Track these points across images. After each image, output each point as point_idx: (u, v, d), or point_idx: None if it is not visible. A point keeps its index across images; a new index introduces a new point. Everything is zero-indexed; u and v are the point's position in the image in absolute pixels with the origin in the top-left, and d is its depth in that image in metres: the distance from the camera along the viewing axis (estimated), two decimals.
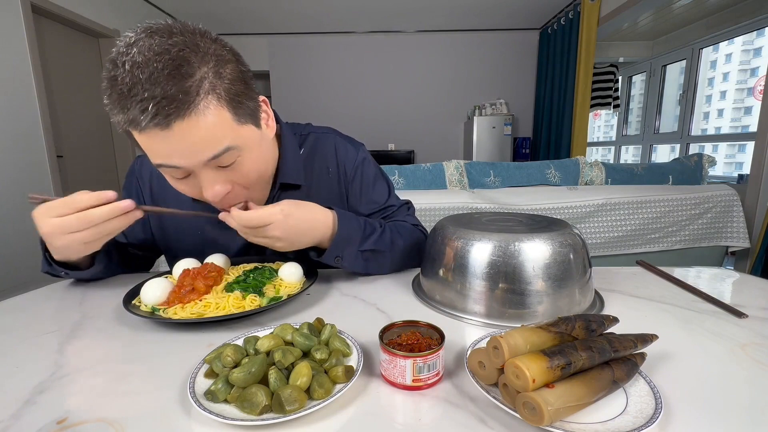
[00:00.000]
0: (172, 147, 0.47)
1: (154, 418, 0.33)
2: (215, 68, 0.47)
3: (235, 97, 0.49)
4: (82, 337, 0.49)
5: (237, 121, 0.51)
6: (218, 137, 0.49)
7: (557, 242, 0.50)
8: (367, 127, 5.14)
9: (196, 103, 0.45)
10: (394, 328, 0.41)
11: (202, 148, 0.48)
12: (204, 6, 4.09)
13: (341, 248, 0.63)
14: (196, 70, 0.45)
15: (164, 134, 0.46)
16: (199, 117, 0.46)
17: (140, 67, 0.43)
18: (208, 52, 0.47)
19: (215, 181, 0.53)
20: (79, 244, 0.53)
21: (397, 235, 0.70)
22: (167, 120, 0.44)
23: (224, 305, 0.52)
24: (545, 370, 0.31)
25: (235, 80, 0.50)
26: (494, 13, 4.45)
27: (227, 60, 0.50)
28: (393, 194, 0.81)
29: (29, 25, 2.54)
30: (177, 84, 0.44)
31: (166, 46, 0.44)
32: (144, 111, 0.43)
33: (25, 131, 2.53)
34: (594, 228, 1.78)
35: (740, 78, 4.56)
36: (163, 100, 0.43)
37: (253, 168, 0.56)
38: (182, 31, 0.46)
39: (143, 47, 0.44)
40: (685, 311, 0.53)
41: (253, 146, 0.55)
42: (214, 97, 0.47)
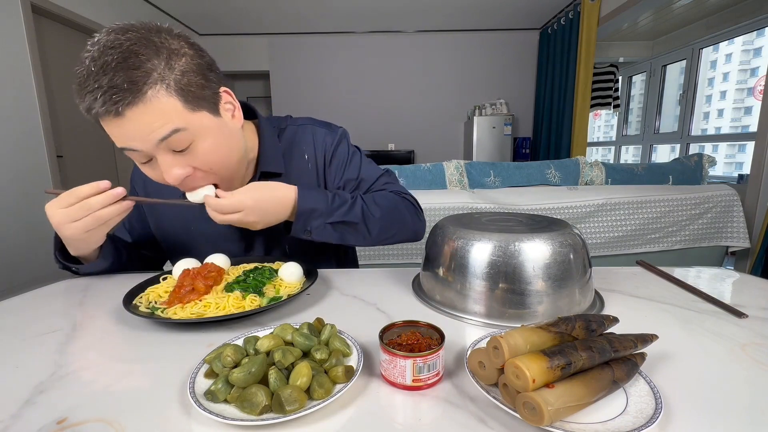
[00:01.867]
0: (126, 131, 0.52)
1: (154, 418, 0.33)
2: (167, 61, 0.52)
3: (186, 87, 0.53)
4: (82, 337, 0.49)
5: (188, 108, 0.54)
6: (165, 120, 0.52)
7: (557, 242, 0.50)
8: (367, 127, 5.15)
9: (144, 91, 0.50)
10: (394, 328, 0.41)
11: (151, 131, 0.52)
12: (204, 6, 4.08)
13: (306, 221, 0.65)
14: (145, 62, 0.49)
15: (118, 121, 0.51)
16: (147, 104, 0.50)
17: (94, 60, 0.48)
18: (162, 46, 0.51)
19: (173, 164, 0.56)
20: (82, 232, 0.57)
21: (372, 204, 0.70)
22: (116, 107, 0.49)
23: (224, 305, 0.52)
24: (545, 370, 0.31)
25: (188, 72, 0.53)
26: (494, 13, 4.45)
27: (182, 54, 0.53)
28: (370, 168, 0.80)
29: (29, 25, 2.54)
30: (124, 74, 0.48)
31: (119, 41, 0.49)
32: (95, 100, 0.48)
33: (25, 131, 2.53)
34: (594, 228, 1.78)
35: (740, 78, 4.56)
36: (110, 90, 0.48)
37: (211, 153, 0.59)
38: (139, 29, 0.51)
39: (100, 42, 0.49)
40: (685, 311, 0.53)
41: (209, 133, 0.58)
42: (162, 87, 0.51)
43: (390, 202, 0.73)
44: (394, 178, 0.82)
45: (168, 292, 0.57)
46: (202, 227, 0.74)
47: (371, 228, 0.70)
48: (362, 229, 0.69)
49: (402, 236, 0.74)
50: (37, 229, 2.60)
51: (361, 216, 0.68)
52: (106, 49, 0.48)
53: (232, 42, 4.98)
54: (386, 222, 0.71)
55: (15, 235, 2.45)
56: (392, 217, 0.72)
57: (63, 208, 0.56)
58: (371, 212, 0.69)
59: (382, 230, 0.71)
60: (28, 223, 2.54)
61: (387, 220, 0.71)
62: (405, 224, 0.74)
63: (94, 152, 3.26)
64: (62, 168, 2.88)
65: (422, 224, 0.78)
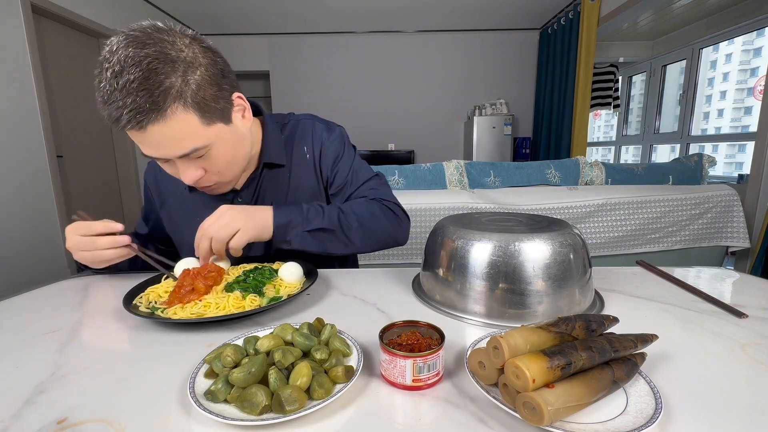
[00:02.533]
0: (149, 143, 0.56)
1: (154, 418, 0.33)
2: (183, 76, 0.54)
3: (201, 101, 0.56)
4: (82, 337, 0.49)
5: (204, 123, 0.57)
6: (186, 140, 0.56)
7: (557, 242, 0.50)
8: (367, 127, 5.15)
9: (164, 109, 0.53)
10: (394, 328, 0.41)
11: (173, 147, 0.57)
12: (204, 6, 4.08)
13: (285, 232, 0.67)
14: (164, 80, 0.52)
15: (141, 134, 0.54)
16: (167, 122, 0.54)
17: (116, 76, 0.50)
18: (178, 60, 0.53)
19: (189, 167, 0.61)
20: (86, 262, 0.66)
21: (350, 212, 0.72)
22: (140, 125, 0.53)
23: (224, 305, 0.52)
24: (545, 370, 0.31)
25: (203, 85, 0.56)
26: (494, 13, 4.45)
27: (197, 65, 0.55)
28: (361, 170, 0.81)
29: (29, 25, 2.54)
30: (146, 95, 0.51)
31: (138, 57, 0.51)
32: (120, 116, 0.52)
33: (25, 131, 2.53)
34: (594, 228, 1.78)
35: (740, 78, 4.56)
36: (135, 110, 0.51)
37: (221, 158, 0.63)
38: (156, 41, 0.52)
39: (120, 56, 0.50)
40: (685, 311, 0.53)
41: (222, 141, 0.62)
42: (180, 104, 0.54)
43: (367, 210, 0.74)
44: (382, 183, 0.83)
45: (168, 292, 0.57)
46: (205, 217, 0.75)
47: (350, 235, 0.71)
48: (341, 236, 0.70)
49: (383, 243, 0.76)
50: (37, 230, 2.60)
51: (338, 223, 0.70)
52: (127, 66, 0.50)
53: (232, 42, 4.98)
54: (365, 229, 0.72)
55: (15, 235, 2.45)
56: (371, 224, 0.73)
57: (77, 235, 0.63)
58: (348, 220, 0.71)
59: (362, 237, 0.72)
60: (28, 224, 2.54)
61: (366, 228, 0.72)
62: (384, 231, 0.75)
63: (94, 152, 3.26)
64: (62, 168, 2.88)
65: (403, 230, 0.79)
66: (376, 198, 0.78)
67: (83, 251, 0.64)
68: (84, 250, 0.63)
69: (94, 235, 0.63)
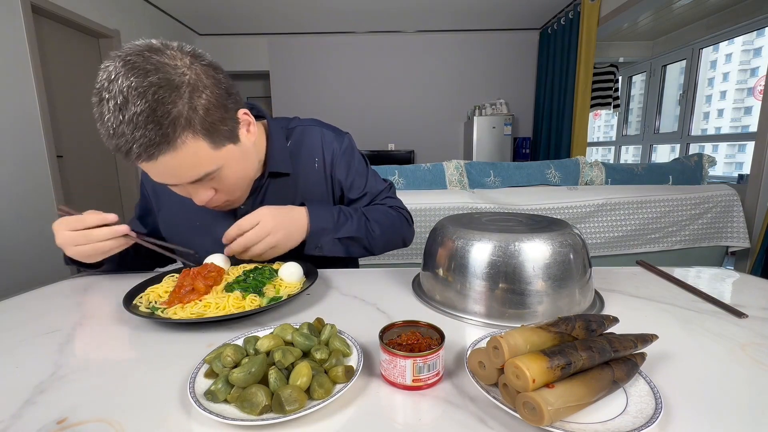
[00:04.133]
0: (160, 173, 0.55)
1: (154, 418, 0.33)
2: (189, 102, 0.52)
3: (210, 126, 0.55)
4: (82, 337, 0.49)
5: (214, 147, 0.57)
6: (197, 166, 0.56)
7: (557, 242, 0.50)
8: (367, 127, 5.15)
9: (174, 139, 0.51)
10: (394, 328, 0.41)
11: (183, 174, 0.56)
12: (204, 6, 4.08)
13: (318, 238, 0.69)
14: (171, 110, 0.50)
15: (151, 164, 0.53)
16: (177, 151, 0.52)
17: (121, 109, 0.48)
18: (182, 85, 0.51)
19: (199, 190, 0.61)
20: (83, 256, 0.62)
21: (374, 221, 0.76)
22: (150, 157, 0.52)
23: (224, 305, 0.52)
24: (545, 370, 0.31)
25: (210, 109, 0.54)
26: (494, 14, 4.45)
27: (202, 87, 0.54)
28: (375, 179, 0.85)
29: (29, 25, 2.54)
30: (155, 127, 0.49)
31: (142, 88, 0.48)
32: (129, 150, 0.50)
33: (25, 131, 2.53)
34: (594, 228, 1.78)
35: (740, 78, 4.56)
36: (143, 144, 0.50)
37: (231, 176, 0.63)
38: (157, 66, 0.50)
39: (122, 86, 0.48)
40: (685, 311, 0.53)
41: (231, 161, 0.61)
42: (189, 132, 0.53)
43: (388, 218, 0.78)
44: (394, 192, 0.88)
45: (168, 292, 0.57)
46: (206, 222, 0.75)
47: (372, 241, 0.75)
48: (365, 242, 0.74)
49: (394, 246, 0.81)
50: (37, 230, 2.60)
51: (365, 231, 0.74)
52: (131, 98, 0.48)
53: (232, 42, 4.98)
54: (385, 236, 0.77)
55: (15, 235, 2.45)
56: (390, 231, 0.78)
57: (68, 231, 0.60)
58: (372, 228, 0.75)
59: (381, 243, 0.77)
60: (28, 224, 2.54)
61: (386, 234, 0.76)
62: (399, 237, 0.81)
63: (94, 152, 3.26)
64: (62, 168, 2.88)
65: (411, 235, 0.85)
66: (393, 206, 0.82)
67: (77, 246, 0.61)
68: (78, 244, 0.60)
69: (87, 228, 0.60)
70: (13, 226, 2.44)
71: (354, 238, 0.72)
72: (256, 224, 0.62)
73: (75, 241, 0.60)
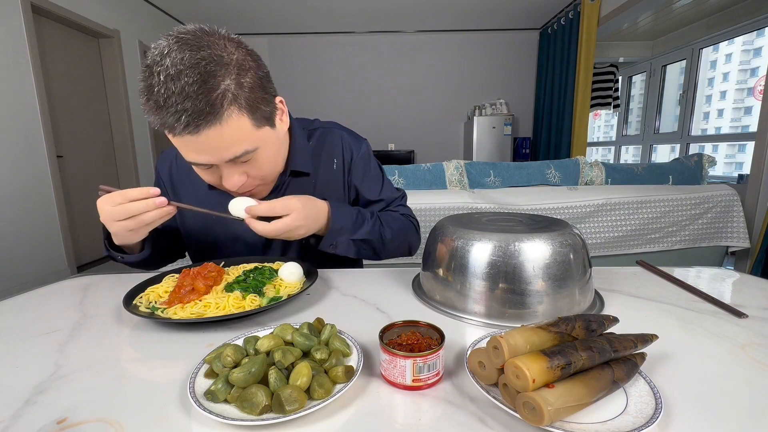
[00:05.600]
0: (200, 148, 0.55)
1: (154, 418, 0.33)
2: (237, 78, 0.53)
3: (253, 104, 0.56)
4: (82, 337, 0.49)
5: (255, 126, 0.58)
6: (238, 142, 0.56)
7: (557, 242, 0.50)
8: (367, 127, 5.15)
9: (221, 113, 0.52)
10: (394, 328, 0.41)
11: (224, 150, 0.56)
12: (204, 6, 4.08)
13: (335, 237, 0.70)
14: (221, 83, 0.51)
15: (194, 138, 0.53)
16: (223, 125, 0.53)
17: (173, 79, 0.49)
18: (231, 63, 0.53)
19: (234, 173, 0.61)
20: (125, 230, 0.60)
21: (387, 225, 0.77)
22: (197, 129, 0.52)
23: (224, 305, 0.52)
24: (545, 370, 0.31)
25: (254, 88, 0.56)
26: (494, 14, 4.45)
27: (248, 68, 0.55)
28: (390, 187, 0.87)
29: (29, 25, 2.54)
30: (205, 98, 0.50)
31: (195, 60, 0.50)
32: (177, 120, 0.51)
33: (25, 131, 2.53)
34: (594, 228, 1.78)
35: (740, 78, 4.56)
36: (193, 114, 0.50)
37: (266, 162, 0.64)
38: (209, 44, 0.52)
39: (175, 60, 0.49)
40: (685, 311, 0.53)
41: (267, 145, 0.62)
42: (235, 107, 0.54)
43: (400, 224, 0.80)
44: (405, 200, 0.90)
45: (168, 292, 0.57)
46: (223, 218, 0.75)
47: (383, 246, 0.76)
48: (377, 246, 0.75)
49: (400, 253, 0.83)
50: (37, 230, 2.60)
51: (378, 234, 0.75)
52: (183, 69, 0.49)
53: None
54: (395, 242, 0.78)
55: (15, 236, 2.45)
56: (399, 237, 0.79)
57: (111, 206, 0.59)
58: (384, 232, 0.76)
59: (390, 249, 0.78)
60: (28, 224, 2.54)
61: (395, 240, 0.78)
62: (407, 243, 0.82)
63: (94, 152, 3.26)
64: (62, 168, 2.88)
65: (418, 242, 0.86)
66: (404, 214, 0.84)
67: (118, 221, 0.59)
68: (120, 219, 0.59)
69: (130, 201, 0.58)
70: (13, 226, 2.44)
71: (367, 241, 0.73)
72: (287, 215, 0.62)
73: (116, 216, 0.58)
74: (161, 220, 0.61)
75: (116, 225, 0.59)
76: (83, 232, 3.09)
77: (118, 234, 0.62)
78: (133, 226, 0.60)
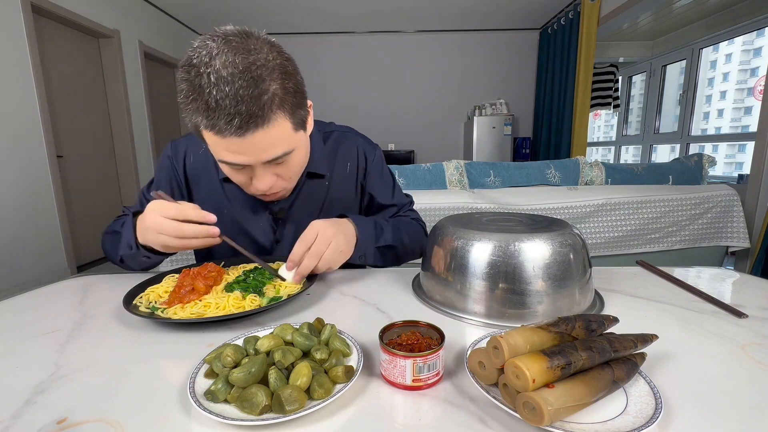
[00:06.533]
0: (242, 150, 0.55)
1: (154, 418, 0.33)
2: (282, 83, 0.54)
3: (295, 109, 0.57)
4: (82, 337, 0.49)
5: (294, 129, 0.59)
6: (278, 144, 0.57)
7: (557, 242, 0.50)
8: (367, 127, 5.14)
9: (269, 117, 0.53)
10: (394, 328, 0.41)
11: (265, 152, 0.57)
12: (204, 6, 4.08)
13: (364, 248, 0.71)
14: (269, 87, 0.52)
15: (240, 140, 0.53)
16: (269, 128, 0.54)
17: (226, 82, 0.49)
18: (276, 68, 0.53)
19: (266, 174, 0.61)
20: (162, 245, 0.60)
21: (403, 230, 0.79)
22: (245, 131, 0.52)
23: (224, 305, 0.52)
24: (545, 370, 0.31)
25: (296, 93, 0.57)
26: (494, 14, 4.45)
27: (290, 73, 0.56)
28: (400, 192, 0.89)
29: (29, 25, 2.54)
30: (256, 102, 0.51)
31: (246, 64, 0.50)
32: (230, 123, 0.51)
33: (25, 131, 2.53)
34: (594, 228, 1.78)
35: (740, 78, 4.56)
36: (246, 116, 0.51)
37: (297, 164, 0.66)
38: (256, 48, 0.52)
39: (227, 62, 0.49)
40: (685, 311, 0.53)
41: (300, 147, 0.64)
42: (281, 111, 0.55)
43: (413, 229, 0.82)
44: (413, 204, 0.92)
45: (168, 292, 0.57)
46: (235, 211, 0.77)
47: (405, 251, 0.78)
48: (400, 251, 0.77)
49: (414, 256, 0.82)
50: (37, 230, 2.60)
51: (400, 240, 0.77)
52: (236, 72, 0.49)
53: None
54: (411, 245, 0.79)
55: (15, 236, 2.45)
56: (414, 241, 0.80)
57: (162, 216, 0.58)
58: (402, 237, 0.77)
59: (408, 252, 0.79)
60: (28, 224, 2.54)
61: (412, 244, 0.79)
62: (420, 247, 0.82)
63: (94, 152, 3.26)
64: (62, 168, 2.88)
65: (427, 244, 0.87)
66: (414, 219, 0.86)
67: (162, 235, 0.58)
68: (164, 234, 0.58)
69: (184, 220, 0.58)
70: (13, 226, 2.44)
71: (390, 247, 0.74)
72: (316, 235, 0.61)
73: (167, 230, 0.57)
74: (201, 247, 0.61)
75: (157, 237, 0.58)
76: (83, 232, 3.09)
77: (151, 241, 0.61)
78: (177, 246, 0.60)
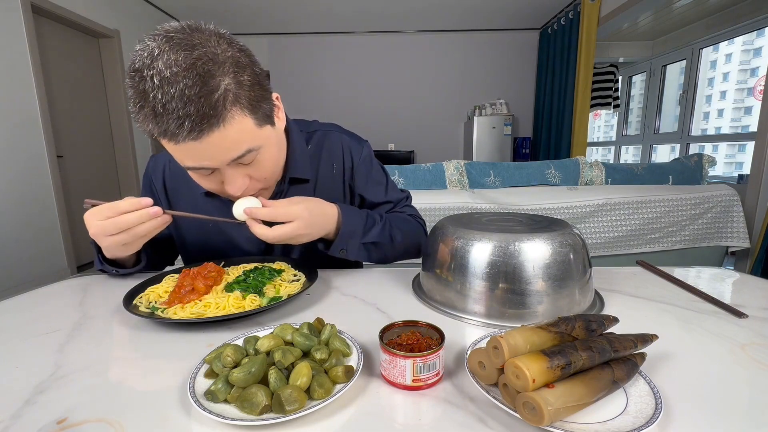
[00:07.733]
0: (202, 153, 0.52)
1: (154, 418, 0.33)
2: (235, 77, 0.50)
3: (254, 102, 0.53)
4: (82, 337, 0.49)
5: (257, 125, 0.55)
6: (240, 141, 0.53)
7: (557, 242, 0.50)
8: (367, 127, 5.14)
9: (224, 115, 0.49)
10: (394, 328, 0.41)
11: (227, 152, 0.53)
12: (204, 6, 4.09)
13: (345, 241, 0.68)
14: (220, 83, 0.48)
15: (196, 144, 0.50)
16: (226, 127, 0.50)
17: (170, 83, 0.45)
18: (226, 61, 0.49)
19: (236, 176, 0.58)
20: (118, 245, 0.58)
21: (396, 227, 0.75)
22: (200, 133, 0.48)
23: (224, 305, 0.52)
24: (545, 370, 0.31)
25: (254, 85, 0.53)
26: (494, 14, 4.45)
27: (245, 65, 0.52)
28: (395, 188, 0.85)
29: (29, 25, 2.54)
30: (206, 101, 0.47)
31: (190, 60, 0.46)
32: (180, 127, 0.47)
33: (25, 131, 2.53)
34: (594, 228, 1.78)
35: (740, 78, 4.56)
36: (197, 118, 0.47)
37: (269, 162, 0.61)
38: (201, 42, 0.48)
39: (169, 61, 0.46)
40: (685, 311, 0.53)
41: (269, 144, 0.59)
42: (237, 107, 0.51)
43: (409, 226, 0.78)
44: (410, 201, 0.88)
45: (168, 292, 0.57)
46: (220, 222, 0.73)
47: (394, 248, 0.74)
48: (387, 249, 0.73)
49: (410, 255, 0.79)
50: (37, 230, 2.60)
51: (389, 238, 0.73)
52: (180, 71, 0.45)
53: None
54: (404, 244, 0.75)
55: (15, 236, 2.45)
56: (409, 239, 0.77)
57: (100, 220, 0.56)
58: (394, 235, 0.74)
59: (400, 251, 0.76)
60: (28, 224, 2.54)
61: (405, 242, 0.76)
62: (416, 245, 0.78)
63: (94, 152, 3.26)
64: (62, 168, 2.88)
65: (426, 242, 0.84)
66: (411, 215, 0.82)
67: (111, 235, 0.56)
68: (112, 233, 0.56)
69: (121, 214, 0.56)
70: (13, 226, 2.44)
71: (377, 244, 0.71)
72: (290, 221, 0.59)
73: (107, 231, 0.56)
74: (156, 231, 0.59)
75: (108, 240, 0.57)
76: (83, 232, 3.06)
77: (110, 248, 0.59)
78: (127, 240, 0.57)
